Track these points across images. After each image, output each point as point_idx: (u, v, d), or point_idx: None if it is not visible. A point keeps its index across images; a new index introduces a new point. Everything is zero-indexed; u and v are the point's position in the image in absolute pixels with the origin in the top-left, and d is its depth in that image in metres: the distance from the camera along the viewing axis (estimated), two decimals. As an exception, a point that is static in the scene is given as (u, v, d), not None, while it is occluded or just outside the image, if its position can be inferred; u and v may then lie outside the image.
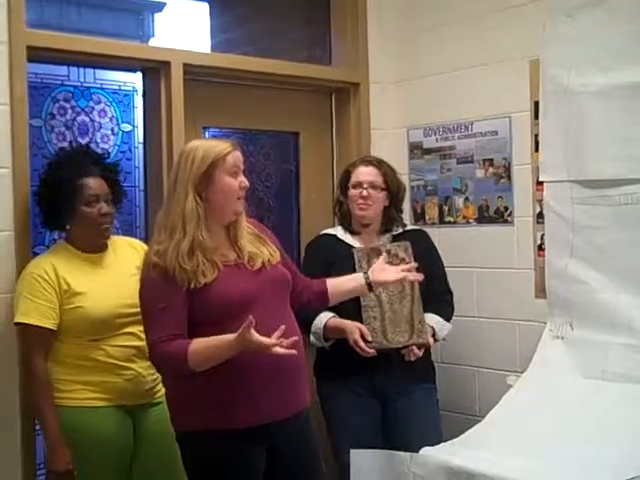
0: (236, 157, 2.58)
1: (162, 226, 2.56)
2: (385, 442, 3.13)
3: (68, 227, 2.96)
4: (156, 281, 2.49)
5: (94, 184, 2.90)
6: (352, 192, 3.34)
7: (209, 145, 2.59)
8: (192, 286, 2.47)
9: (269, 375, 2.51)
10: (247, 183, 2.60)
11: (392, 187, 3.36)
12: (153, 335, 2.49)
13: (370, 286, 2.84)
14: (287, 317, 2.62)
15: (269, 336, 2.41)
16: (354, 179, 3.36)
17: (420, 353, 3.15)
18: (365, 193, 3.30)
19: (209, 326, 2.46)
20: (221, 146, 2.57)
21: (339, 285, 2.88)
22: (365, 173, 3.35)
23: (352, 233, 3.39)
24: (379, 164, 3.38)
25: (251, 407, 2.52)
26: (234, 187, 2.56)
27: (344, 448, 3.05)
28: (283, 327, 2.39)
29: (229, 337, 2.40)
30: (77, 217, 2.90)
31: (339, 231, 3.42)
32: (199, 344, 2.43)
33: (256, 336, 2.35)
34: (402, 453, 2.81)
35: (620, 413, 2.84)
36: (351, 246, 3.32)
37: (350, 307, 3.12)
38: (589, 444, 2.70)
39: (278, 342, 2.37)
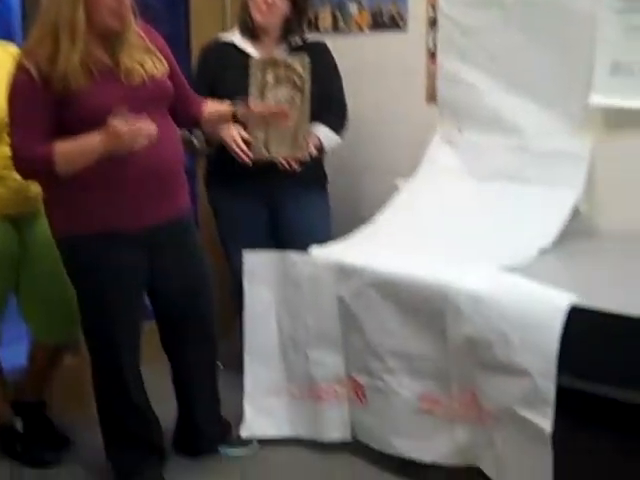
0: None
1: (44, 25, 2.43)
2: (277, 247, 3.16)
3: None
4: (27, 84, 2.40)
5: None
6: None
7: None
8: (63, 93, 2.39)
9: (144, 179, 2.50)
10: None
11: None
12: (18, 138, 2.44)
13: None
14: (164, 126, 2.57)
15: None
16: None
17: (297, 167, 3.14)
18: None
19: (79, 133, 2.40)
20: None
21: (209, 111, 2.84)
22: None
23: (251, 37, 3.27)
24: None
25: (126, 211, 2.52)
26: (107, 2, 2.41)
27: (236, 253, 3.08)
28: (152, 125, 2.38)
29: (93, 134, 2.37)
30: None
31: (236, 36, 3.29)
32: (65, 144, 2.39)
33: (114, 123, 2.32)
34: (293, 253, 2.86)
35: (503, 210, 2.94)
36: (247, 54, 3.21)
37: (237, 119, 3.07)
38: (473, 239, 2.80)
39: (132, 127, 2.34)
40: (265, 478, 2.83)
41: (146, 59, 2.56)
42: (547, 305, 2.26)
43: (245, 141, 3.07)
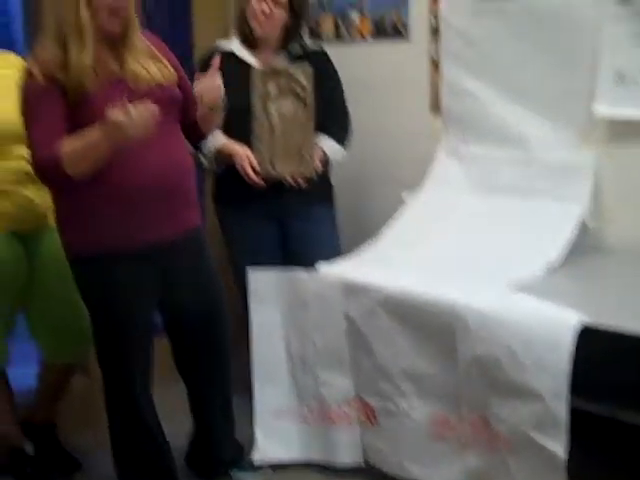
0: None
1: (49, 31, 2.45)
2: (284, 263, 3.13)
3: None
4: (34, 89, 2.40)
5: None
6: (253, 5, 3.15)
7: None
8: (71, 95, 2.39)
9: (156, 193, 2.48)
10: None
11: (295, 5, 3.19)
12: (31, 140, 2.42)
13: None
14: (174, 137, 2.56)
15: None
16: None
17: (303, 184, 3.11)
18: (267, 10, 3.14)
19: None
20: None
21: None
22: None
23: (250, 47, 3.25)
24: None
25: (140, 227, 2.50)
26: (102, 1, 2.40)
27: (244, 270, 3.05)
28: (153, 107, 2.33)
29: (94, 129, 2.34)
30: None
31: (235, 45, 3.27)
32: (71, 143, 2.36)
33: (110, 115, 2.28)
34: (299, 270, 2.85)
35: (510, 225, 2.92)
36: (248, 64, 3.19)
37: (241, 131, 3.05)
38: (481, 256, 2.79)
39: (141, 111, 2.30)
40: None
41: (153, 66, 2.55)
42: (557, 325, 2.25)
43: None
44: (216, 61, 2.68)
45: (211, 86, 2.64)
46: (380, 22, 3.59)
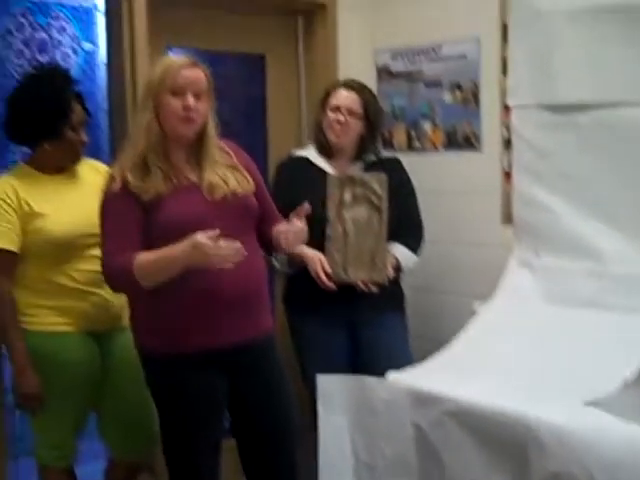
0: (183, 75, 2.50)
1: (126, 142, 2.59)
2: (355, 370, 3.13)
3: (46, 146, 2.82)
4: (112, 195, 2.50)
5: (79, 109, 2.82)
6: (329, 115, 3.27)
7: (164, 62, 2.55)
8: (146, 201, 2.47)
9: (228, 298, 2.52)
10: (191, 103, 2.49)
11: (371, 115, 3.29)
12: (106, 249, 2.51)
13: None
14: (248, 245, 2.59)
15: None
16: (333, 102, 3.27)
17: (375, 290, 3.13)
18: (342, 119, 3.24)
19: (163, 245, 2.44)
20: (169, 64, 2.53)
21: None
22: (344, 97, 3.26)
23: (325, 155, 3.33)
24: (361, 90, 3.30)
25: (212, 331, 2.54)
26: (173, 108, 2.50)
27: (312, 374, 3.03)
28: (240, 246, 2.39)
29: (175, 246, 2.39)
30: (59, 140, 2.80)
31: (311, 153, 3.36)
32: (145, 256, 2.43)
33: (199, 238, 2.34)
34: (369, 377, 2.83)
35: (584, 338, 2.88)
36: (324, 170, 3.26)
37: (315, 236, 3.09)
38: (553, 369, 2.74)
39: (218, 243, 2.35)
40: None
41: (229, 176, 2.61)
42: (636, 445, 2.19)
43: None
44: (304, 209, 2.70)
45: (295, 235, 2.68)
46: (452, 133, 3.67)
